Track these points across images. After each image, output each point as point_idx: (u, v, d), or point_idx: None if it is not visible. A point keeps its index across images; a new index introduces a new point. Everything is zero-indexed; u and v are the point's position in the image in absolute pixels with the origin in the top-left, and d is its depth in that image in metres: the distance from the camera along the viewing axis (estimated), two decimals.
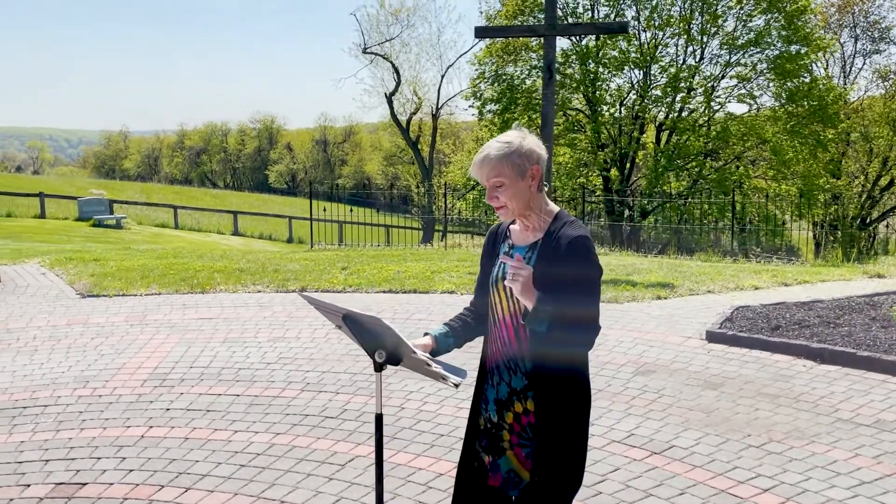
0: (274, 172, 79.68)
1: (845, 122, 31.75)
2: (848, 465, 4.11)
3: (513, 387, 2.53)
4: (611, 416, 4.83)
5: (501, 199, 2.46)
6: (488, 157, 2.46)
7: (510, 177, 2.44)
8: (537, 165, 2.48)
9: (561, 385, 2.45)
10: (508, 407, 2.55)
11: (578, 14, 29.13)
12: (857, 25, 36.89)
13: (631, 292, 8.28)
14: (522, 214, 2.51)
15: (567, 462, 2.48)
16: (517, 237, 2.58)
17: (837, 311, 7.05)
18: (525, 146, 2.47)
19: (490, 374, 2.62)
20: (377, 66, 32.48)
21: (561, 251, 2.40)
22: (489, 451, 2.60)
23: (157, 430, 4.68)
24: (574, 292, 2.35)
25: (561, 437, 2.46)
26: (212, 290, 8.75)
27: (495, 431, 2.59)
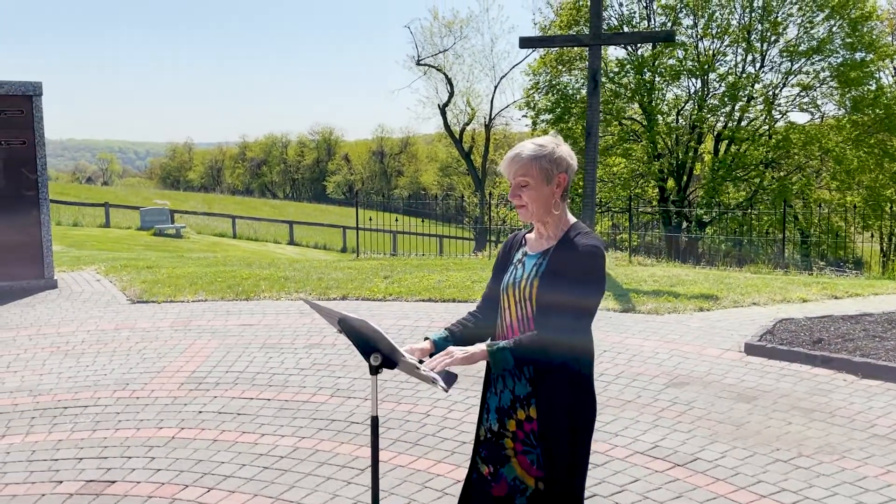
0: (332, 183, 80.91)
1: None
2: (878, 481, 3.97)
3: (516, 394, 2.55)
4: (637, 428, 4.77)
5: (524, 198, 2.50)
6: (519, 156, 2.50)
7: (536, 178, 2.48)
8: (565, 174, 2.50)
9: (564, 389, 2.46)
10: (511, 415, 2.56)
11: (634, 24, 28.88)
12: None
13: (672, 303, 8.15)
14: (541, 219, 2.53)
15: (573, 466, 2.48)
16: (532, 245, 2.60)
17: (886, 325, 6.82)
18: (557, 153, 2.50)
19: (494, 381, 2.63)
20: (431, 78, 32.76)
21: (571, 258, 2.43)
22: (490, 462, 2.61)
23: (188, 431, 4.81)
24: (574, 294, 2.38)
25: (566, 440, 2.46)
26: (256, 298, 8.95)
27: (496, 441, 2.59)
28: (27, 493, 3.96)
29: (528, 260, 2.54)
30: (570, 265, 2.41)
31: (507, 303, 2.58)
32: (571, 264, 2.41)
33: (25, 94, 9.31)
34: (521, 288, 2.50)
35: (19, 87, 9.28)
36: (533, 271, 2.49)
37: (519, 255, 2.61)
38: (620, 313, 7.87)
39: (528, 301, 2.48)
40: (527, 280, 2.49)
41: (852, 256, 24.69)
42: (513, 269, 2.59)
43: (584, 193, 11.31)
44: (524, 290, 2.49)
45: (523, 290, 2.49)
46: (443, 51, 31.86)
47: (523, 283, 2.50)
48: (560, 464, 2.47)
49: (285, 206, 59.40)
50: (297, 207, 59.89)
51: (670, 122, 29.90)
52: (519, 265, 2.56)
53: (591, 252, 2.40)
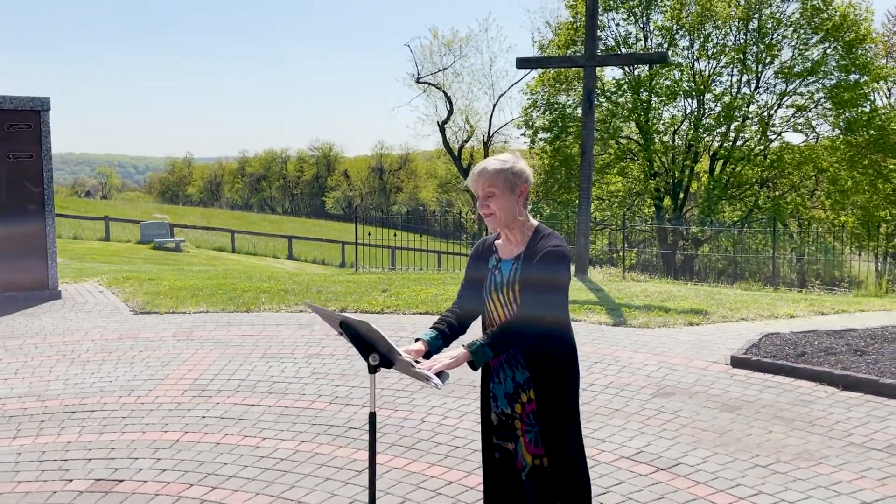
0: (331, 199, 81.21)
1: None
2: (851, 486, 4.17)
3: (517, 381, 2.84)
4: (623, 435, 4.96)
5: (492, 207, 2.78)
6: (486, 170, 2.79)
7: (502, 188, 2.76)
8: (526, 185, 2.80)
9: (555, 367, 2.77)
10: (517, 399, 2.85)
11: (630, 44, 29.28)
12: None
13: (663, 318, 8.36)
14: (507, 225, 2.80)
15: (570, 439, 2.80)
16: (503, 251, 2.86)
17: (868, 340, 7.02)
18: (517, 166, 2.80)
19: (494, 372, 2.90)
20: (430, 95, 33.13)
21: (539, 257, 2.72)
22: (509, 440, 2.90)
23: (192, 435, 5.00)
24: (549, 285, 2.68)
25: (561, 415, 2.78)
26: (256, 310, 9.14)
27: (510, 422, 2.89)
28: (39, 491, 4.15)
29: (504, 266, 2.81)
30: (539, 263, 2.69)
31: (493, 306, 2.83)
32: (541, 262, 2.69)
33: (34, 109, 9.55)
34: (505, 293, 2.76)
35: (28, 103, 9.52)
36: (511, 276, 2.76)
37: (493, 261, 2.87)
38: (612, 327, 8.07)
39: (513, 303, 2.75)
40: (508, 285, 2.76)
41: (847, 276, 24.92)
42: (491, 275, 2.84)
43: (579, 210, 11.55)
44: (507, 294, 2.75)
45: (507, 294, 2.76)
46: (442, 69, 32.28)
47: (506, 289, 2.76)
48: (560, 437, 2.78)
49: (284, 222, 59.64)
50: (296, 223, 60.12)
51: (667, 142, 30.25)
52: (496, 271, 2.81)
53: (558, 251, 2.71)
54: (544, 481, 2.82)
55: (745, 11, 27.91)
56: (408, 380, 6.18)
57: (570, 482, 2.81)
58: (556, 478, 2.80)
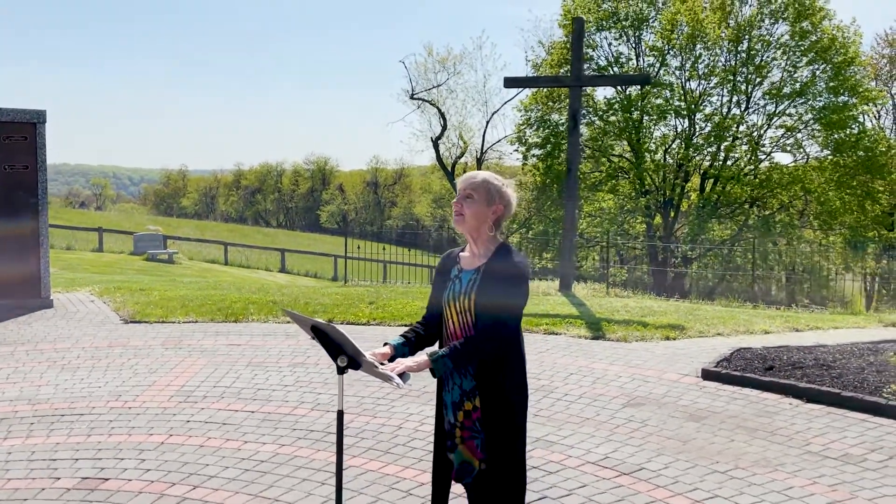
0: (325, 212, 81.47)
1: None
2: (803, 490, 4.38)
3: (464, 388, 3.00)
4: (591, 442, 5.17)
5: (465, 208, 2.97)
6: (475, 176, 3.00)
7: (481, 197, 2.95)
8: (503, 207, 2.99)
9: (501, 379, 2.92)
10: (460, 407, 3.01)
11: (622, 63, 29.68)
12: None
13: (641, 332, 8.58)
14: (472, 233, 2.99)
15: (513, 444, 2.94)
16: (466, 262, 3.05)
17: (836, 356, 7.25)
18: (504, 190, 3.00)
19: (446, 380, 3.07)
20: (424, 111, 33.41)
21: (500, 272, 2.90)
22: (451, 450, 3.05)
23: (176, 437, 5.19)
24: (503, 296, 2.85)
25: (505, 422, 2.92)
26: (244, 320, 9.33)
27: (452, 431, 3.04)
28: (28, 488, 4.33)
29: (465, 276, 2.98)
30: (499, 278, 2.87)
31: (449, 313, 3.02)
32: (500, 277, 2.87)
33: (30, 122, 9.77)
34: (461, 301, 2.94)
35: (24, 115, 9.74)
36: (469, 286, 2.93)
37: (455, 271, 3.05)
38: (591, 340, 8.29)
39: (468, 312, 2.92)
40: (465, 294, 2.94)
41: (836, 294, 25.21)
42: (451, 284, 3.03)
43: (564, 226, 11.79)
44: (463, 302, 2.93)
45: (462, 303, 2.94)
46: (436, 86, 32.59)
47: (462, 297, 2.94)
48: (502, 443, 2.93)
49: (278, 235, 59.83)
50: (290, 236, 60.32)
51: (658, 160, 30.58)
52: (457, 280, 3.00)
53: (517, 267, 2.88)
54: (485, 484, 2.96)
55: (735, 33, 28.35)
56: (388, 388, 6.38)
57: (505, 490, 2.93)
58: (494, 484, 2.93)
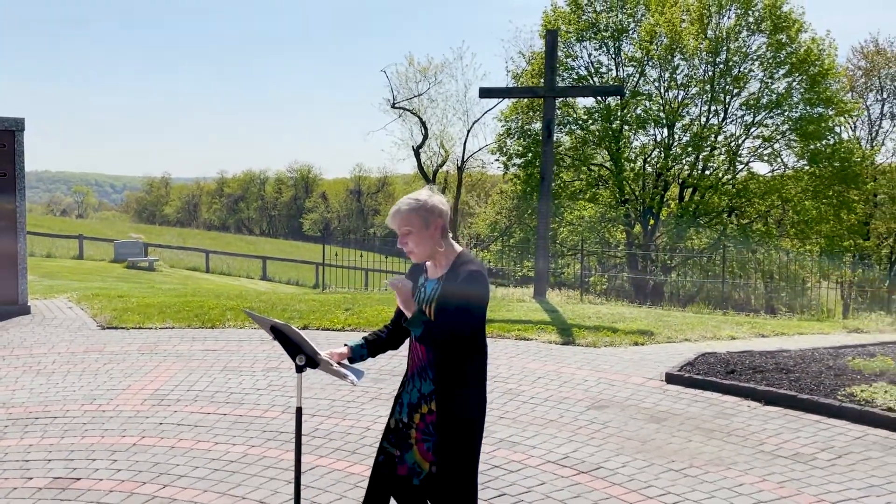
0: (308, 220, 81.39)
1: (871, 183, 31.90)
2: (752, 487, 4.56)
3: (422, 392, 3.13)
4: (553, 442, 5.33)
5: (410, 244, 3.08)
6: (399, 211, 3.08)
7: (417, 227, 3.05)
8: (440, 219, 3.09)
9: (459, 386, 3.04)
10: (417, 409, 3.14)
11: (602, 73, 30.03)
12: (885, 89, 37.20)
13: (610, 338, 8.76)
14: (429, 257, 3.12)
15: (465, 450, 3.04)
16: (430, 272, 3.20)
17: (797, 360, 7.46)
18: (430, 203, 3.08)
19: (407, 382, 3.21)
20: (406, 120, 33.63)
21: (459, 280, 3.03)
22: (397, 447, 3.18)
23: (148, 439, 5.30)
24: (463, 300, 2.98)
25: (459, 428, 3.03)
26: (221, 326, 9.43)
27: (404, 430, 3.17)
28: (1, 487, 4.43)
29: (429, 285, 3.13)
30: (458, 286, 3.00)
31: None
32: (457, 283, 3.00)
33: (8, 129, 9.84)
34: (425, 308, 3.09)
35: (3, 123, 9.81)
36: (433, 294, 3.08)
37: (422, 279, 3.20)
38: (560, 346, 8.46)
39: (431, 319, 3.05)
40: (427, 303, 3.08)
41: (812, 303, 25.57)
42: (417, 292, 3.17)
43: (538, 233, 11.98)
44: (427, 310, 3.08)
45: (427, 311, 3.08)
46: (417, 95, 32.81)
47: (426, 305, 3.09)
48: (453, 449, 3.04)
49: (260, 243, 59.73)
50: (272, 244, 60.23)
51: (637, 169, 30.92)
52: (422, 289, 3.15)
53: (475, 273, 3.01)
54: (434, 490, 3.07)
55: (713, 44, 28.77)
56: (358, 391, 6.52)
57: (453, 496, 3.03)
58: (442, 488, 3.03)
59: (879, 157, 35.27)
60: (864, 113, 36.68)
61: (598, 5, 30.21)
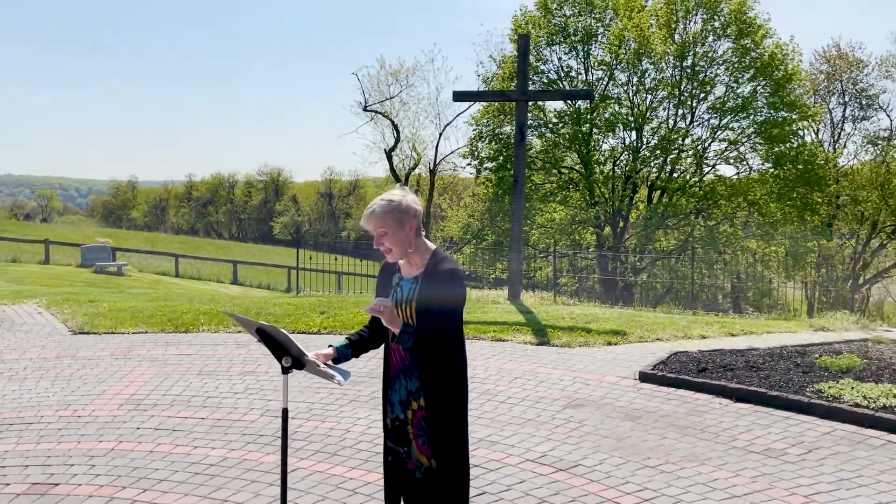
0: (279, 224, 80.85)
1: (834, 185, 32.57)
2: (726, 482, 4.67)
3: (409, 389, 3.20)
4: (532, 441, 5.40)
5: (386, 244, 3.13)
6: (374, 213, 3.12)
7: (392, 227, 3.10)
8: (414, 220, 3.15)
9: (442, 379, 3.12)
10: (408, 406, 3.21)
11: (572, 77, 30.31)
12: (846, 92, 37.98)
13: (584, 338, 8.87)
14: (404, 256, 3.18)
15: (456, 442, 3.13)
16: (405, 271, 3.25)
17: (766, 358, 7.63)
18: (404, 203, 3.13)
19: (393, 381, 3.27)
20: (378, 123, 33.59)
21: (436, 279, 3.09)
22: (400, 444, 3.25)
23: (126, 444, 5.28)
24: (442, 299, 3.05)
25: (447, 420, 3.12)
26: (195, 330, 9.38)
27: (402, 426, 3.24)
28: None
29: (405, 284, 3.18)
30: (436, 283, 3.06)
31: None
32: (437, 283, 3.06)
33: None
34: (403, 308, 3.14)
35: None
36: (410, 293, 3.13)
37: (396, 279, 3.25)
38: (536, 346, 8.55)
39: (410, 318, 3.12)
40: (407, 302, 3.14)
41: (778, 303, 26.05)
42: (394, 292, 3.23)
43: (512, 236, 12.08)
44: (405, 310, 3.13)
45: (405, 310, 3.14)
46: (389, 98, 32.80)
47: (405, 305, 3.15)
48: (445, 440, 3.13)
49: (230, 246, 59.22)
50: (243, 248, 59.77)
51: (607, 172, 31.23)
52: (398, 288, 3.20)
53: (452, 272, 3.08)
54: (433, 481, 3.16)
55: (680, 49, 29.17)
56: (337, 394, 6.54)
57: (451, 482, 3.13)
58: (439, 478, 3.12)
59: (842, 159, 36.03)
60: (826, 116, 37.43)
61: (568, 9, 30.49)
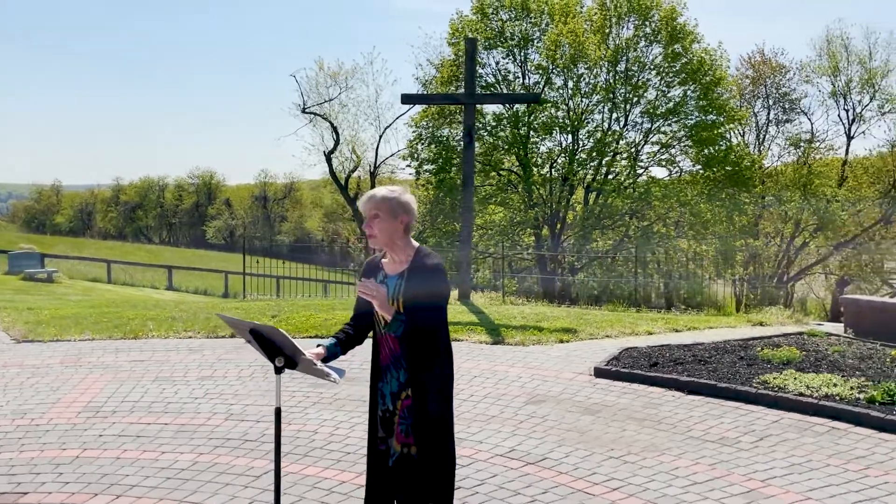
0: (212, 228, 79.27)
1: (759, 186, 33.86)
2: (687, 470, 4.90)
3: (400, 381, 3.30)
4: (498, 436, 5.54)
5: (374, 228, 3.25)
6: (374, 196, 3.27)
7: (386, 213, 3.23)
8: (407, 216, 3.28)
9: (430, 369, 3.21)
10: (398, 397, 3.31)
11: (510, 81, 30.71)
12: (770, 96, 39.49)
13: (537, 336, 9.08)
14: (387, 245, 3.28)
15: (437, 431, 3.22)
16: (389, 268, 3.35)
17: (712, 352, 7.96)
18: (403, 199, 3.27)
19: (383, 373, 3.35)
20: (317, 125, 33.37)
21: (421, 274, 3.21)
22: (388, 435, 3.33)
23: (91, 451, 5.19)
24: (427, 294, 3.16)
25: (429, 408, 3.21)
26: (144, 336, 9.22)
27: (390, 417, 3.33)
28: None
29: (390, 281, 3.28)
30: (422, 279, 3.18)
31: (380, 317, 3.30)
32: (423, 278, 3.18)
33: None
34: (390, 305, 3.23)
35: None
36: (396, 290, 3.23)
37: (380, 276, 3.35)
38: (491, 345, 8.71)
39: (398, 314, 3.21)
40: (393, 298, 3.23)
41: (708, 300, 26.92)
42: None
43: (461, 239, 12.23)
44: (392, 305, 3.22)
45: (392, 305, 3.22)
46: (328, 100, 32.62)
47: (391, 301, 3.23)
48: (429, 427, 3.21)
49: (162, 251, 57.81)
50: (176, 252, 58.42)
51: (544, 174, 31.74)
52: (383, 286, 3.28)
53: (436, 267, 3.22)
54: (409, 468, 3.24)
55: (614, 54, 29.88)
56: (300, 396, 6.56)
57: (436, 471, 3.22)
58: (422, 466, 3.21)
59: (767, 161, 37.45)
60: (752, 120, 38.86)
61: (504, 14, 30.88)
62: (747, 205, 31.81)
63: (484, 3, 30.44)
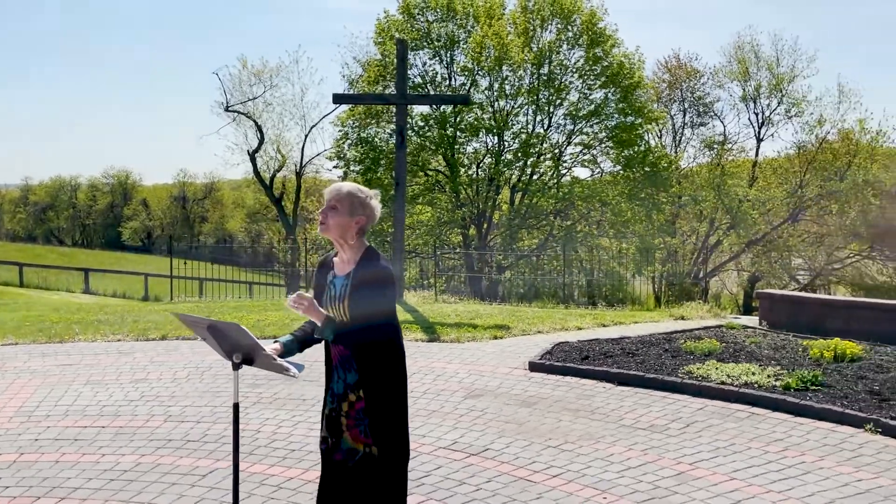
0: (128, 229, 76.84)
1: (676, 186, 35.10)
2: (621, 456, 5.16)
3: (348, 382, 3.37)
4: (440, 430, 5.69)
5: (328, 219, 3.30)
6: (341, 188, 3.34)
7: (345, 208, 3.29)
8: (364, 217, 3.35)
9: (382, 368, 3.30)
10: (345, 398, 3.37)
11: (437, 82, 30.94)
12: (686, 100, 40.93)
13: (472, 333, 9.27)
14: (336, 240, 3.36)
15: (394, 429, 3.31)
16: (338, 268, 3.43)
17: (639, 345, 8.31)
18: (368, 202, 3.35)
19: (334, 372, 3.43)
20: (240, 124, 32.86)
21: (368, 276, 3.28)
22: (332, 435, 3.40)
23: (29, 455, 5.09)
24: (373, 302, 3.23)
25: (385, 408, 3.30)
26: (70, 340, 8.99)
27: (336, 417, 3.39)
28: None
29: (338, 281, 3.36)
30: (367, 281, 3.25)
31: (332, 314, 3.38)
32: (369, 280, 3.25)
33: None
34: (336, 306, 3.32)
35: None
36: (342, 291, 3.31)
37: (330, 276, 3.43)
38: (427, 343, 8.85)
39: (343, 316, 3.29)
40: (339, 299, 3.31)
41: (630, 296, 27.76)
42: (327, 289, 3.40)
43: (394, 237, 12.34)
44: (338, 307, 3.31)
45: (338, 308, 3.31)
46: (252, 98, 32.18)
47: (337, 302, 3.32)
48: (386, 427, 3.31)
49: (76, 254, 55.80)
50: (91, 255, 56.43)
51: (471, 174, 32.11)
52: (331, 286, 3.37)
53: (382, 270, 3.28)
54: (371, 467, 3.32)
55: (537, 57, 30.47)
56: (239, 396, 6.54)
57: (392, 467, 3.31)
58: (381, 463, 3.29)
59: (683, 162, 38.84)
60: (668, 122, 40.23)
61: (430, 15, 31.08)
62: (665, 204, 32.94)
63: (410, 3, 30.56)
